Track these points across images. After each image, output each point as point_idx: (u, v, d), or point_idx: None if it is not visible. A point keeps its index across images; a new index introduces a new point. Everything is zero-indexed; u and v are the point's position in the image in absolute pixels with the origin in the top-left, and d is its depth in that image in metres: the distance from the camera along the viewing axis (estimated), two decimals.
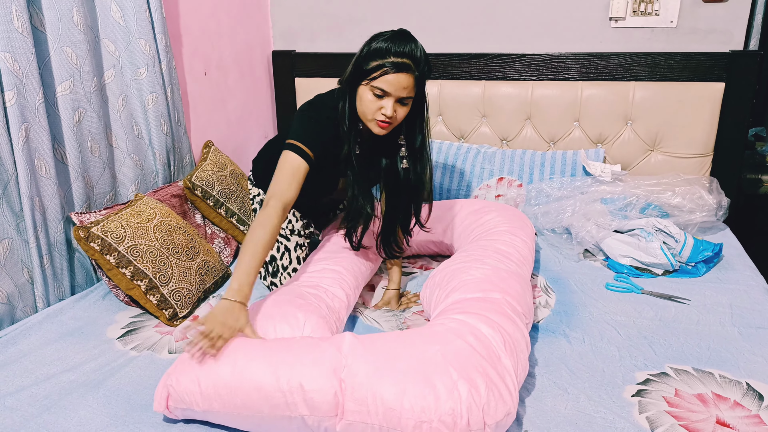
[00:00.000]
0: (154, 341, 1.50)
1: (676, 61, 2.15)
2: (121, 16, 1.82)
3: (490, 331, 1.19)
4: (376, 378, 1.08)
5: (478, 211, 1.89)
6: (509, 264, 1.53)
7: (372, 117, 1.46)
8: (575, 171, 2.18)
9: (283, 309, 1.34)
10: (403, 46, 1.40)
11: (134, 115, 1.93)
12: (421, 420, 1.03)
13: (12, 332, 1.50)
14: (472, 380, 1.06)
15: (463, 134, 2.44)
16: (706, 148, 2.17)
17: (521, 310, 1.33)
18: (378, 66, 1.40)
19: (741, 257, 1.85)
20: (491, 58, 2.35)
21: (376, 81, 1.41)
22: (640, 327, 1.49)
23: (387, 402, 1.05)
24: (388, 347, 1.15)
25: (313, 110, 1.56)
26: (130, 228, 1.62)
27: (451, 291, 1.40)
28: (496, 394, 1.06)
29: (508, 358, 1.16)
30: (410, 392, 1.05)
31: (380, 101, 1.43)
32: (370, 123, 1.48)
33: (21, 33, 1.47)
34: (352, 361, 1.10)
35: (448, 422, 1.02)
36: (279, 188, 1.44)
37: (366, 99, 1.45)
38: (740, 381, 1.26)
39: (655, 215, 1.96)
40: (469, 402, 1.03)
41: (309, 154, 1.47)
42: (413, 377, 1.07)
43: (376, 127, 1.47)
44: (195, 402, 1.13)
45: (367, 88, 1.44)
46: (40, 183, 1.58)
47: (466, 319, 1.24)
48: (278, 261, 1.76)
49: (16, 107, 1.47)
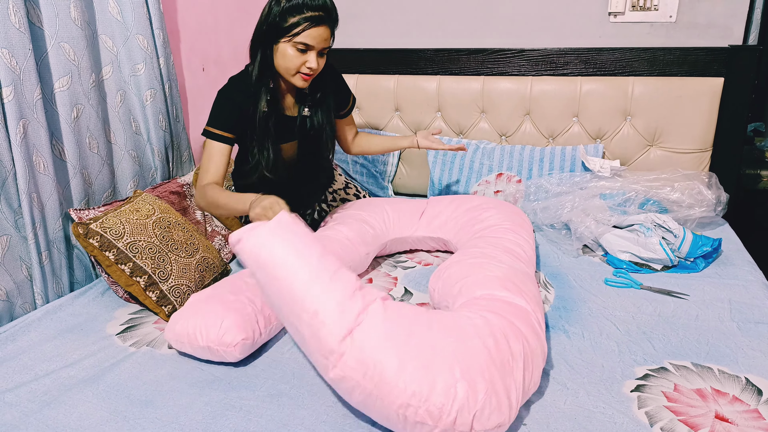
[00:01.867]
0: (154, 337, 1.50)
1: (675, 56, 2.15)
2: (119, 12, 1.81)
3: (513, 341, 1.16)
4: (383, 347, 1.08)
5: (477, 207, 1.89)
6: (520, 264, 1.53)
7: (296, 71, 1.53)
8: (574, 166, 2.18)
9: (209, 305, 1.40)
10: (317, 2, 1.48)
11: (132, 111, 1.93)
12: (408, 403, 1.03)
13: (11, 329, 1.50)
14: (473, 383, 1.05)
15: (462, 130, 2.44)
16: (705, 143, 2.17)
17: (542, 319, 1.32)
18: (298, 21, 1.47)
19: (740, 252, 1.86)
20: (490, 54, 2.35)
21: (299, 36, 1.48)
22: (639, 322, 1.49)
23: (385, 373, 1.05)
24: (408, 322, 1.15)
25: (223, 92, 1.63)
26: (128, 224, 1.62)
27: (473, 285, 1.38)
28: (494, 403, 1.05)
29: (521, 372, 1.13)
30: (409, 373, 1.04)
31: (304, 56, 1.51)
32: (293, 78, 1.55)
33: (18, 29, 1.46)
34: (369, 323, 1.11)
35: (434, 414, 1.02)
36: (206, 175, 1.59)
37: (289, 55, 1.51)
38: (739, 376, 1.26)
39: (654, 210, 1.96)
40: (462, 403, 1.02)
41: (222, 134, 1.58)
42: (418, 361, 1.06)
43: (300, 81, 1.56)
44: (247, 260, 1.22)
45: (288, 45, 1.50)
46: (38, 179, 1.58)
47: (494, 320, 1.21)
48: None
49: (13, 103, 1.47)
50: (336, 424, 1.16)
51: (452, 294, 1.42)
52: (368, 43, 2.56)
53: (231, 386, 1.28)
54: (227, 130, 1.59)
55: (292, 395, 1.25)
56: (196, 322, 1.35)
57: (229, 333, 1.32)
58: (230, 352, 1.32)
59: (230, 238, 1.24)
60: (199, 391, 1.27)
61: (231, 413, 1.19)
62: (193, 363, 1.38)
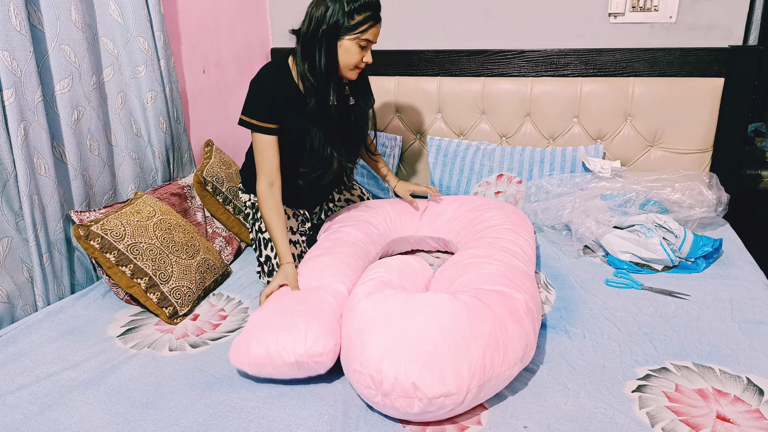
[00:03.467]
0: (155, 339, 1.50)
1: (675, 57, 2.15)
2: (120, 14, 1.81)
3: (480, 321, 1.20)
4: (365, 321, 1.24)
5: (478, 208, 1.89)
6: (517, 263, 1.53)
7: (354, 66, 1.62)
8: (575, 167, 2.18)
9: (283, 318, 1.31)
10: (376, 2, 1.59)
11: (133, 113, 1.93)
12: (356, 369, 1.17)
13: (12, 331, 1.50)
14: (413, 354, 1.13)
15: (463, 131, 2.44)
16: (706, 143, 2.17)
17: (535, 310, 1.33)
18: (364, 20, 1.55)
19: (741, 252, 1.86)
20: (490, 55, 2.35)
21: (366, 34, 1.57)
22: (640, 323, 1.49)
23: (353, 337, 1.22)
24: (386, 305, 1.27)
25: (260, 84, 1.66)
26: (129, 226, 1.62)
27: (467, 283, 1.40)
28: (437, 375, 1.10)
29: (481, 350, 1.15)
30: (369, 343, 1.17)
31: (364, 51, 1.60)
32: (350, 72, 1.64)
33: (19, 31, 1.46)
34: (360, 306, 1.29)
35: (375, 379, 1.13)
36: (261, 173, 1.65)
37: (353, 51, 1.59)
38: (740, 376, 1.26)
39: (655, 211, 1.96)
40: (403, 372, 1.11)
41: (263, 125, 1.62)
42: (377, 330, 1.19)
43: (355, 74, 1.65)
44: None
45: (353, 42, 1.57)
46: (39, 181, 1.58)
47: (469, 301, 1.26)
48: (273, 260, 1.77)
49: (14, 105, 1.47)
50: (337, 423, 1.16)
51: (449, 292, 1.43)
52: None
53: (232, 387, 1.28)
54: (272, 121, 1.63)
55: (293, 395, 1.25)
56: (276, 339, 1.25)
57: (317, 342, 1.24)
58: (322, 362, 1.25)
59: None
60: (200, 393, 1.27)
61: (232, 415, 1.19)
62: (194, 364, 1.38)
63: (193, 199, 2.06)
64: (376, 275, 1.43)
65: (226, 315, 1.63)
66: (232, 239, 2.06)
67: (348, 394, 1.25)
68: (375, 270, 1.47)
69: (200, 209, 2.05)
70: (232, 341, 1.46)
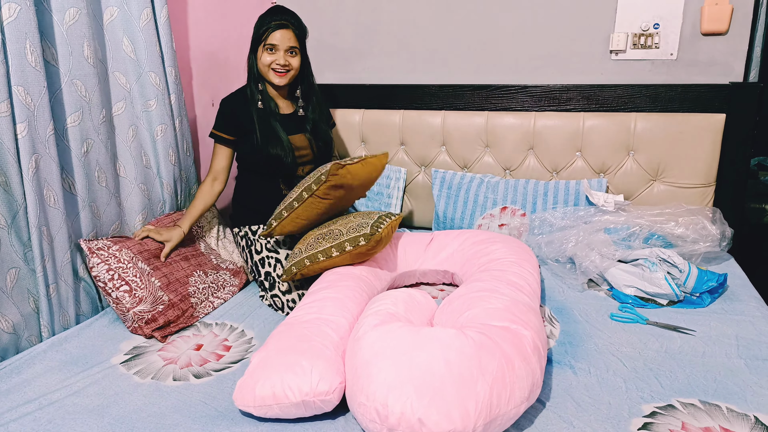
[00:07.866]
0: (159, 367, 1.50)
1: (676, 93, 2.18)
2: (132, 50, 1.86)
3: (487, 358, 1.19)
4: (372, 354, 1.24)
5: (484, 241, 1.90)
6: (523, 297, 1.53)
7: (269, 68, 1.97)
8: (578, 201, 2.19)
9: (287, 358, 1.30)
10: (280, 15, 1.95)
11: (143, 145, 1.96)
12: (361, 402, 1.17)
13: (17, 361, 1.51)
14: (420, 390, 1.12)
15: (467, 164, 2.47)
16: (708, 178, 2.18)
17: (542, 348, 1.33)
18: (265, 29, 1.94)
19: (746, 287, 1.85)
20: (494, 90, 2.39)
21: (267, 39, 1.94)
22: (645, 358, 1.48)
23: (359, 369, 1.22)
24: (392, 338, 1.27)
25: (224, 101, 2.05)
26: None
27: (474, 317, 1.39)
28: (444, 411, 1.09)
29: (488, 387, 1.14)
30: (376, 376, 1.17)
31: (273, 55, 1.95)
32: (269, 75, 1.98)
33: (34, 67, 1.50)
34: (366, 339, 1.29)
35: (381, 413, 1.12)
36: (210, 168, 2.05)
37: (263, 56, 1.97)
38: (748, 414, 1.24)
39: (659, 245, 1.96)
40: (410, 407, 1.10)
41: (222, 136, 2.01)
42: (384, 363, 1.20)
43: (276, 78, 1.98)
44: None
45: (262, 48, 1.96)
46: (48, 213, 1.60)
47: (476, 337, 1.24)
48: (272, 273, 1.86)
49: (27, 139, 1.50)
50: None
51: (456, 327, 1.42)
52: (375, 79, 2.61)
53: (234, 422, 1.28)
54: (224, 131, 2.00)
55: (297, 431, 1.24)
56: (281, 379, 1.24)
57: (323, 380, 1.23)
58: (329, 401, 1.24)
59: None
60: (202, 427, 1.26)
61: None
62: (197, 396, 1.37)
63: (201, 228, 2.08)
64: (383, 307, 1.43)
65: (230, 345, 1.63)
66: (240, 272, 2.07)
67: (352, 430, 1.24)
68: (381, 302, 1.47)
69: (203, 240, 2.07)
70: (236, 374, 1.46)
